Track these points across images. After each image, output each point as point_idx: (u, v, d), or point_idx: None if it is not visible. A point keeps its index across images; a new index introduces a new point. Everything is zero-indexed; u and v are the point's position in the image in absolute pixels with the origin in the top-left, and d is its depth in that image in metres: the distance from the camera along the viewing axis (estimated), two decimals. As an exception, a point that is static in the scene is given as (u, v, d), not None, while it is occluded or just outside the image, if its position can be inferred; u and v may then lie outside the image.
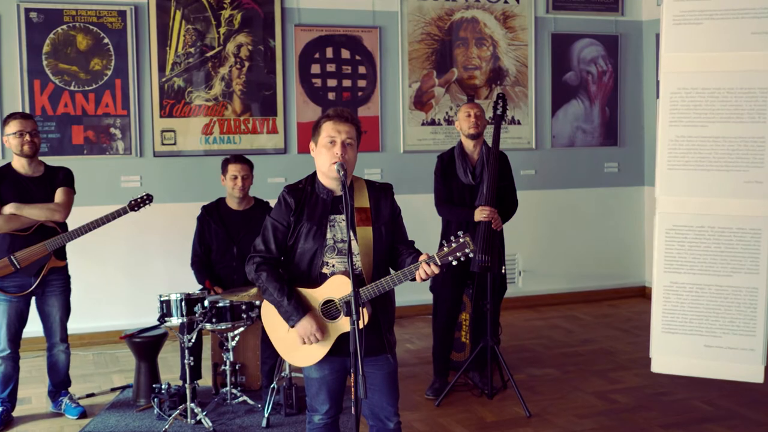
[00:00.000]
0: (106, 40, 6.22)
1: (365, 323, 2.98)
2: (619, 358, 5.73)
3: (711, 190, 3.05)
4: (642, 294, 7.74)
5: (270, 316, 3.23)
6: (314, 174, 3.23)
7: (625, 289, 7.76)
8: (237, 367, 4.84)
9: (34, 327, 4.83)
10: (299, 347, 3.14)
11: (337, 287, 3.08)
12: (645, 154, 7.76)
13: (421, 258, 3.03)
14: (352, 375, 2.81)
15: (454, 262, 2.99)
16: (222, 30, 6.47)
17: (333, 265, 3.11)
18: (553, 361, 5.67)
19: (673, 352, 3.03)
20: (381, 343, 3.14)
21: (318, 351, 3.12)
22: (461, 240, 2.99)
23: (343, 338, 3.06)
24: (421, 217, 5.70)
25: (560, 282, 7.57)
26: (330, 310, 3.10)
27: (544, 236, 7.47)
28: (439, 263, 2.99)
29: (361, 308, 2.90)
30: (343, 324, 3.06)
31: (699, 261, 3.08)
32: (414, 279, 3.03)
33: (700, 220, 3.06)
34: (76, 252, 5.66)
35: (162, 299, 4.40)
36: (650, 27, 7.57)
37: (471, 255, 3.00)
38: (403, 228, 3.30)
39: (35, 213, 4.49)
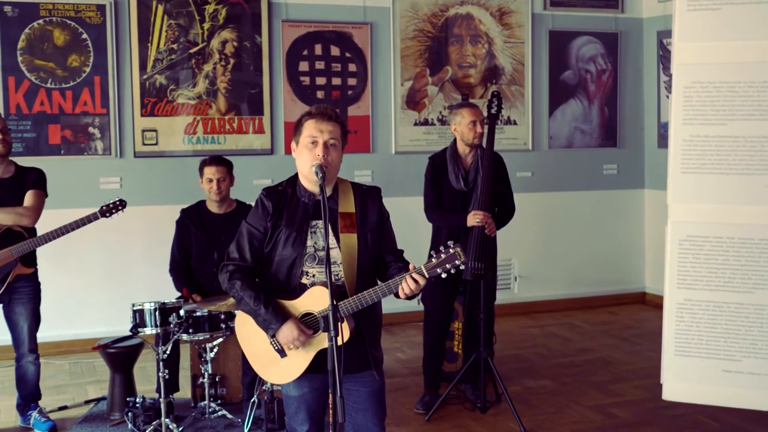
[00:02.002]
0: (85, 36, 5.98)
1: (345, 339, 2.76)
2: (619, 368, 5.52)
3: (730, 197, 2.76)
4: (642, 300, 7.55)
5: (244, 330, 3.04)
6: (296, 176, 3.03)
7: (624, 295, 7.56)
8: (217, 379, 4.64)
9: (5, 335, 4.61)
10: (275, 363, 2.95)
11: (317, 299, 2.87)
12: (645, 155, 7.57)
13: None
14: (330, 396, 2.59)
15: (444, 275, 2.77)
16: (206, 25, 6.23)
17: (314, 275, 2.91)
18: (550, 372, 5.47)
19: (687, 377, 2.76)
20: (365, 360, 2.94)
21: (296, 367, 2.92)
22: (451, 251, 2.77)
23: (324, 354, 2.82)
24: (413, 221, 5.49)
25: (557, 288, 7.37)
26: (309, 323, 2.89)
27: (541, 240, 7.28)
28: (426, 275, 2.78)
29: (340, 323, 2.68)
30: (323, 339, 2.86)
31: (716, 276, 2.79)
32: (398, 295, 2.81)
33: (717, 230, 2.76)
34: (53, 257, 5.48)
35: (135, 308, 4.15)
36: (651, 24, 7.39)
37: (462, 267, 2.78)
38: (392, 235, 3.09)
39: (2, 217, 4.28)
